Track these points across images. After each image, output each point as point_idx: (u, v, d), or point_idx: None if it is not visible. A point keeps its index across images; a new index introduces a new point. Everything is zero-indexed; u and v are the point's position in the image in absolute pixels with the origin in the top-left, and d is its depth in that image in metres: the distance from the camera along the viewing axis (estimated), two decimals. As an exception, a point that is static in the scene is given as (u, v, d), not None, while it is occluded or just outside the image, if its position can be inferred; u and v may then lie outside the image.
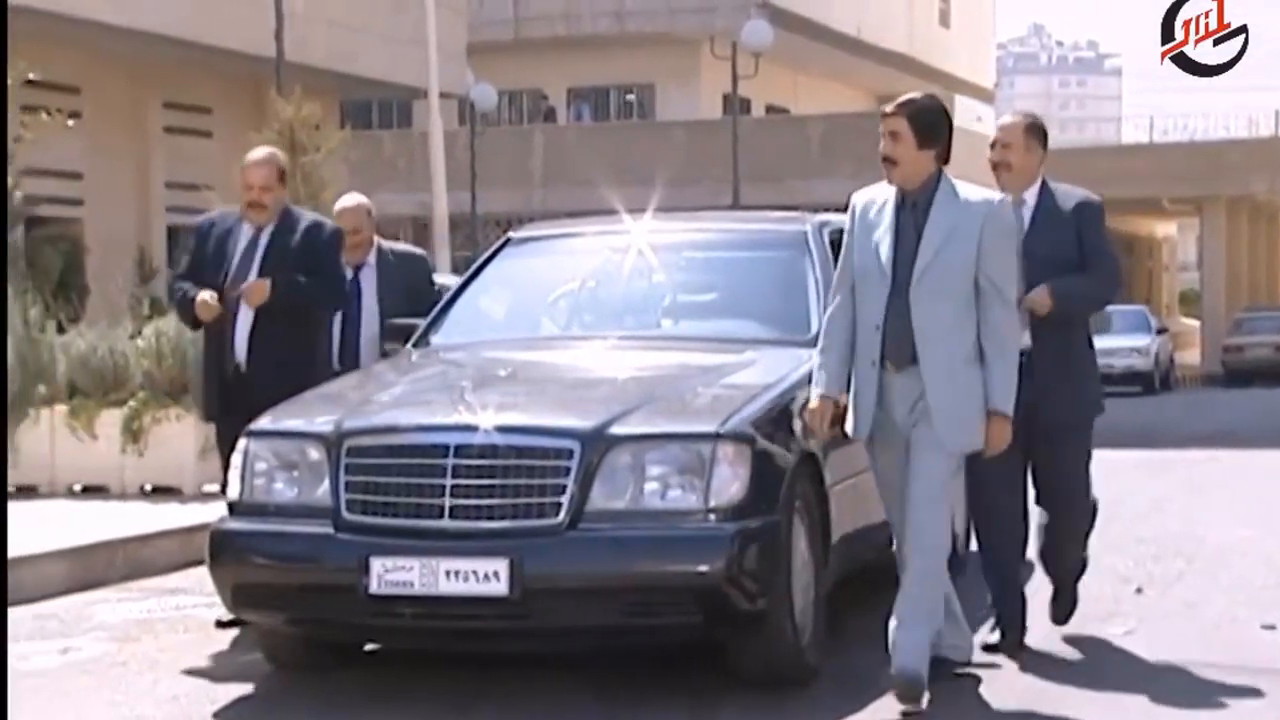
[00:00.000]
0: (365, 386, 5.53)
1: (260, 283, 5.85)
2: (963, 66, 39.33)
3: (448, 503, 4.66)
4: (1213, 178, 32.67)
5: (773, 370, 5.30)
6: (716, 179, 25.27)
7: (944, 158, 4.81)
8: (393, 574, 4.62)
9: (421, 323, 6.18)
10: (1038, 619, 5.56)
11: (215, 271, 5.97)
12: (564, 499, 4.64)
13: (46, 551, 7.04)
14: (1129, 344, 24.95)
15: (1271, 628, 5.83)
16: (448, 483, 4.67)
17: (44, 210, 16.14)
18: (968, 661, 5.12)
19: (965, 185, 4.83)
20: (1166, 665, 5.31)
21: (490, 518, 4.65)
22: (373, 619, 4.77)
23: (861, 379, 4.83)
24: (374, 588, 4.64)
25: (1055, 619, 5.67)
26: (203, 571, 5.33)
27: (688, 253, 6.45)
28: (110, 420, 9.15)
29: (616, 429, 4.73)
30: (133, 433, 9.13)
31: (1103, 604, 6.13)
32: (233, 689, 5.15)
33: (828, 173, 26.66)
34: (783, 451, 4.92)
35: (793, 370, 5.28)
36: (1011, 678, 5.12)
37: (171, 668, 5.41)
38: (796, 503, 4.95)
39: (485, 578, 4.57)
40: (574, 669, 5.14)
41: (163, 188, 20.43)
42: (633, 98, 33.31)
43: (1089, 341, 5.51)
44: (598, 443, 4.68)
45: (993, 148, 5.41)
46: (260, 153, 6.05)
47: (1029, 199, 5.41)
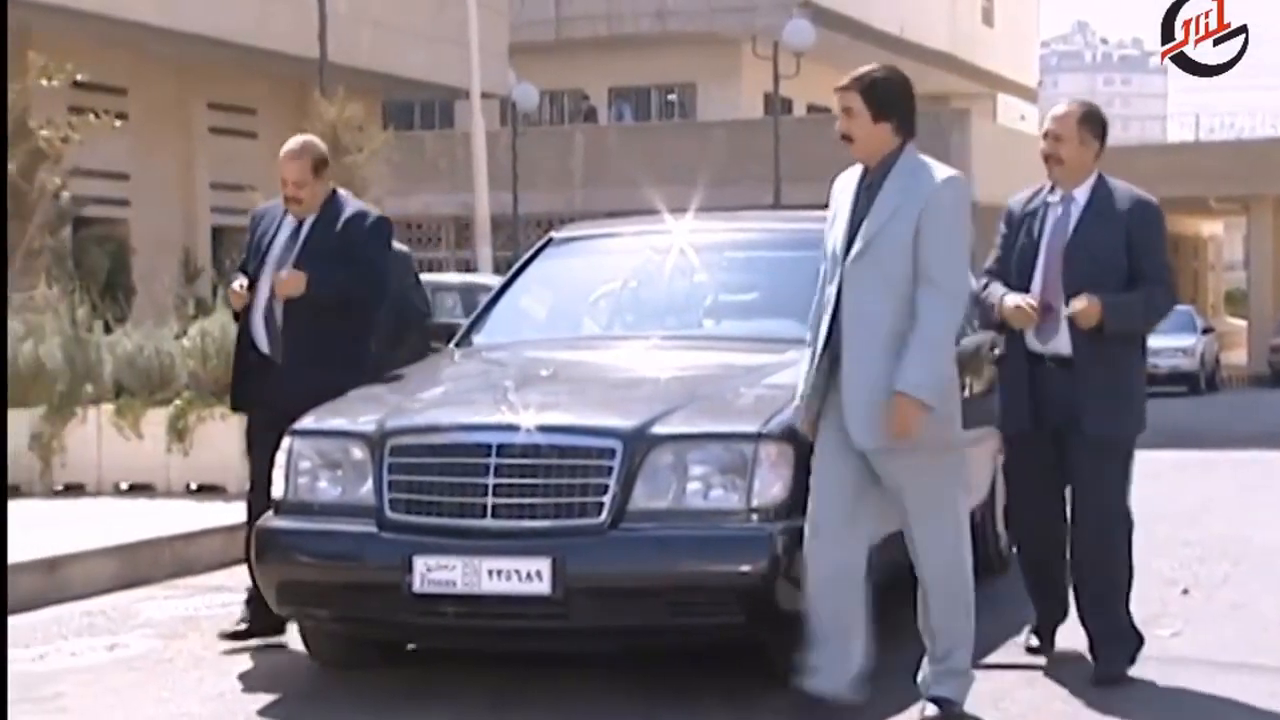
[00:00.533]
0: (408, 386, 5.55)
1: (295, 275, 5.60)
2: (1006, 65, 39.10)
3: (490, 502, 4.68)
4: (1260, 176, 32.33)
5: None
6: (757, 178, 25.21)
7: (906, 131, 4.50)
8: (436, 573, 4.64)
9: (464, 322, 6.21)
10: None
11: (259, 262, 5.80)
12: (606, 498, 4.65)
13: (94, 549, 7.12)
14: (1175, 344, 24.75)
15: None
16: (490, 482, 4.69)
17: (91, 211, 16.31)
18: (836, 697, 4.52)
19: (929, 162, 4.51)
20: (1214, 666, 5.27)
21: (532, 517, 4.67)
22: (415, 617, 4.79)
23: (819, 372, 4.54)
24: (417, 586, 4.66)
25: (1099, 677, 4.97)
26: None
27: (729, 252, 6.45)
28: (156, 419, 9.23)
29: (659, 429, 4.74)
30: (178, 432, 9.20)
31: (1149, 606, 6.07)
32: (277, 686, 5.18)
33: (870, 172, 26.52)
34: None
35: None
36: (1057, 679, 5.09)
37: (216, 665, 5.45)
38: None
39: (528, 577, 4.59)
40: (615, 669, 5.14)
41: (208, 188, 20.59)
42: (674, 97, 33.30)
43: (1143, 353, 5.17)
44: (640, 442, 4.69)
45: (1045, 139, 5.08)
46: (294, 144, 5.77)
47: (1079, 196, 5.06)
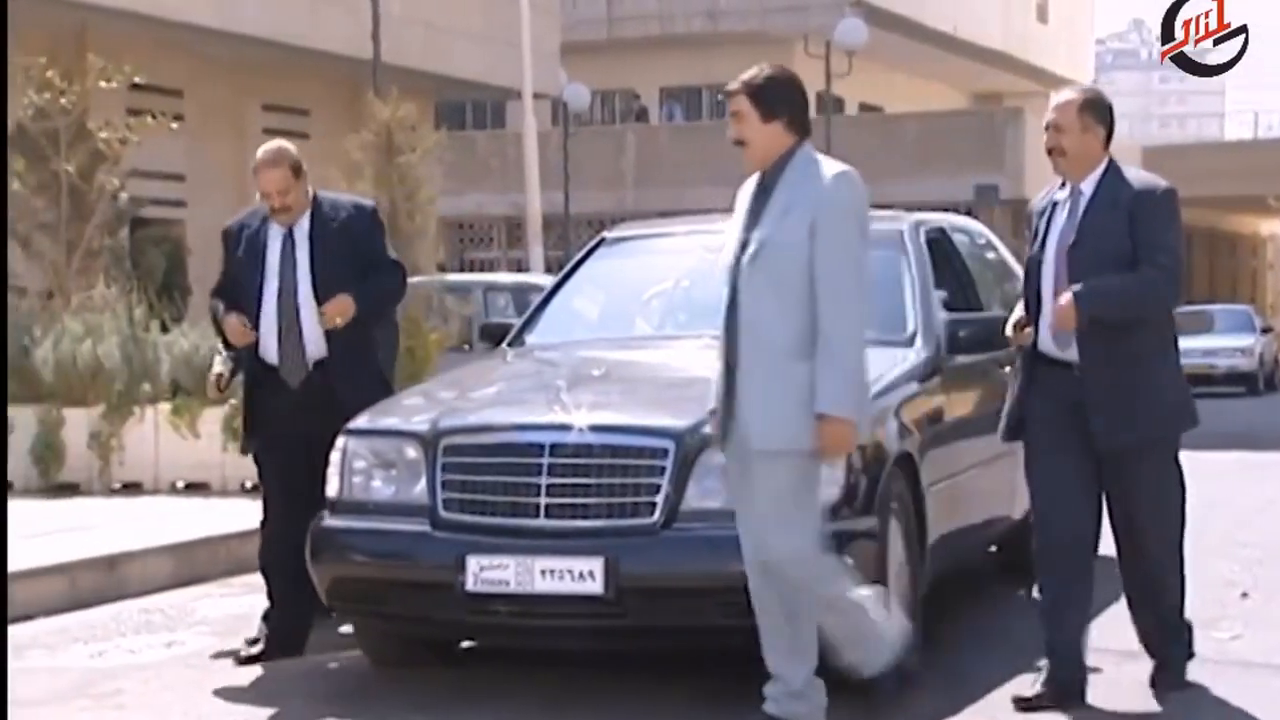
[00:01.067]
0: (461, 386, 5.57)
1: (341, 301, 5.32)
2: (1061, 63, 38.75)
3: (543, 501, 4.69)
4: (1319, 174, 31.97)
5: (868, 370, 5.25)
6: (810, 178, 25.10)
7: (799, 129, 4.33)
8: (489, 572, 4.65)
9: (516, 322, 6.21)
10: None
11: (252, 278, 5.43)
12: (658, 498, 4.65)
13: (151, 547, 7.19)
14: (1232, 344, 24.44)
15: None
16: (543, 482, 4.69)
17: (148, 211, 16.46)
18: None
19: (822, 160, 4.34)
20: (1274, 670, 5.21)
21: (585, 517, 4.67)
22: (468, 616, 4.80)
23: (718, 382, 4.36)
24: (470, 585, 4.68)
25: (1159, 685, 4.83)
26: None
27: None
28: (212, 418, 9.30)
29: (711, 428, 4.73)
30: (233, 431, 9.26)
31: (1208, 609, 6.01)
32: (332, 683, 5.22)
33: (922, 171, 26.43)
34: (878, 452, 4.89)
35: (889, 370, 5.24)
36: (1117, 682, 5.04)
37: (272, 663, 5.47)
38: (893, 503, 4.92)
39: (580, 576, 4.59)
40: (667, 669, 5.14)
41: (262, 189, 20.76)
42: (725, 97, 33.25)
43: (1170, 344, 4.71)
44: (692, 442, 4.68)
45: (1046, 131, 4.66)
46: (268, 153, 5.37)
47: (1086, 189, 4.63)
